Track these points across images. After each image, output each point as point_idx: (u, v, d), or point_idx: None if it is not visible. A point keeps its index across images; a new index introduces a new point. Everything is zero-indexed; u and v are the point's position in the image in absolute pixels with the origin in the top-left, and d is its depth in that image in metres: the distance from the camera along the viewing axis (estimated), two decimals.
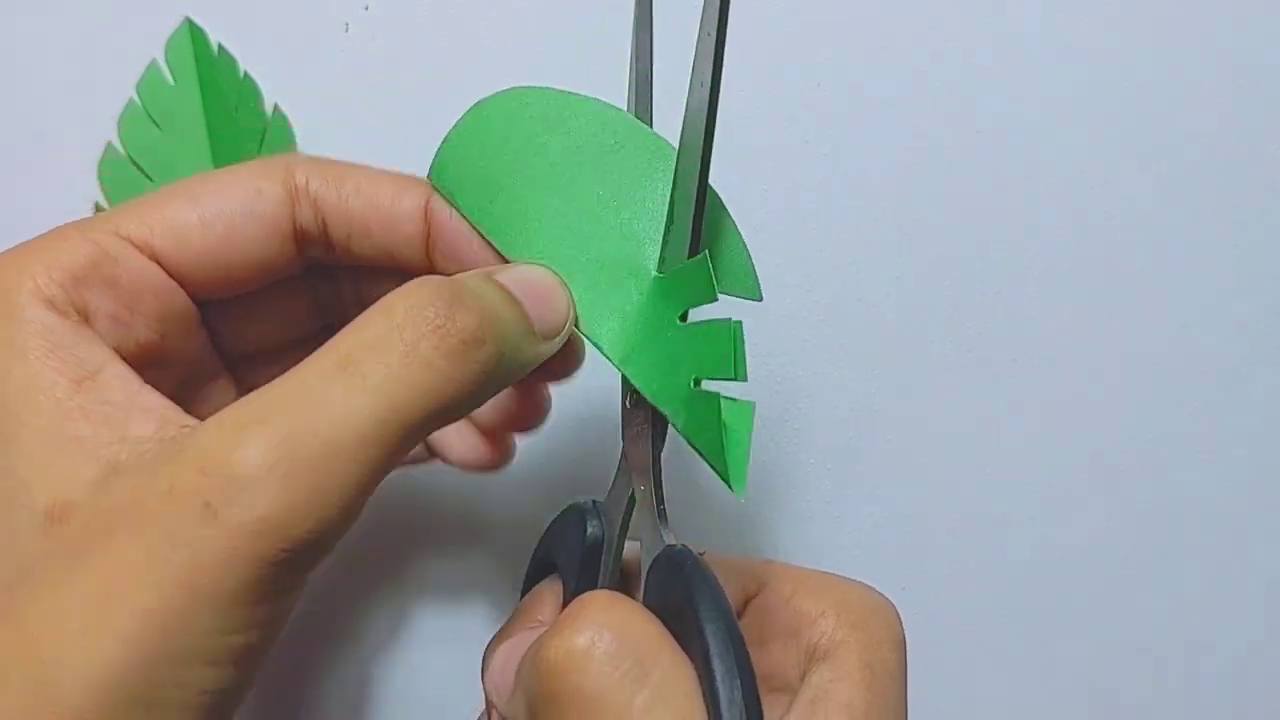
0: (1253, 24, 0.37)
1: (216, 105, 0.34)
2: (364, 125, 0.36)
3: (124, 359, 0.23)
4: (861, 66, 0.36)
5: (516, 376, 0.24)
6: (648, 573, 0.24)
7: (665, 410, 0.24)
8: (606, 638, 0.21)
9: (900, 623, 0.25)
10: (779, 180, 0.37)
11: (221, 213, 0.24)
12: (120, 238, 0.23)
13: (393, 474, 0.22)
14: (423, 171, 0.27)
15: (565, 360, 0.27)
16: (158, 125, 0.34)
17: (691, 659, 0.22)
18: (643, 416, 0.25)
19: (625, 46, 0.36)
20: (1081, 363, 0.37)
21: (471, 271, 0.24)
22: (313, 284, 0.28)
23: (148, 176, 0.34)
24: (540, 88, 0.27)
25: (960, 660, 0.38)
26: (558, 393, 0.30)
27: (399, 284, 0.26)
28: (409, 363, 0.20)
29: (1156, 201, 0.37)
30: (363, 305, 0.26)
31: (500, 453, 0.30)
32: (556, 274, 0.25)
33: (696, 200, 0.24)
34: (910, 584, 0.38)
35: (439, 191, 0.27)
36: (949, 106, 0.37)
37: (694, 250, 0.24)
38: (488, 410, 0.29)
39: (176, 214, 0.24)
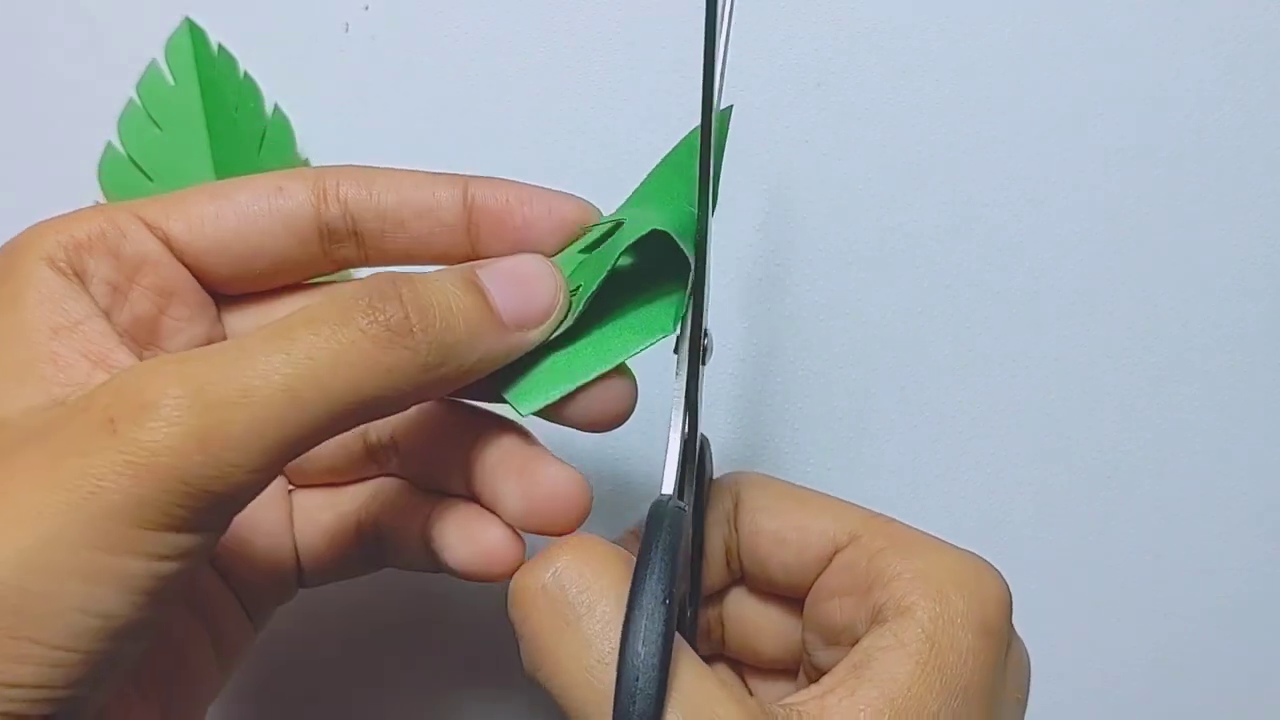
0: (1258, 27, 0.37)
1: (216, 105, 0.34)
2: (364, 125, 0.36)
3: (117, 325, 0.24)
4: (861, 67, 0.36)
5: (481, 370, 0.23)
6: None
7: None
8: (549, 579, 0.22)
9: (1001, 606, 0.23)
10: (778, 180, 0.37)
11: (239, 205, 0.25)
12: (134, 216, 0.25)
13: None
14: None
15: (605, 407, 0.26)
16: (158, 125, 0.34)
17: None
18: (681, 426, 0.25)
19: (625, 46, 0.36)
20: (1082, 361, 0.37)
21: (450, 269, 0.24)
22: None
23: (148, 176, 0.34)
24: None
25: None
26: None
27: None
28: (336, 341, 0.21)
29: (1158, 201, 0.37)
30: None
31: (517, 553, 0.26)
32: (549, 262, 0.25)
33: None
34: None
35: None
36: (949, 106, 0.37)
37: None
38: (513, 497, 0.26)
39: (195, 204, 0.25)
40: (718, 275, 0.36)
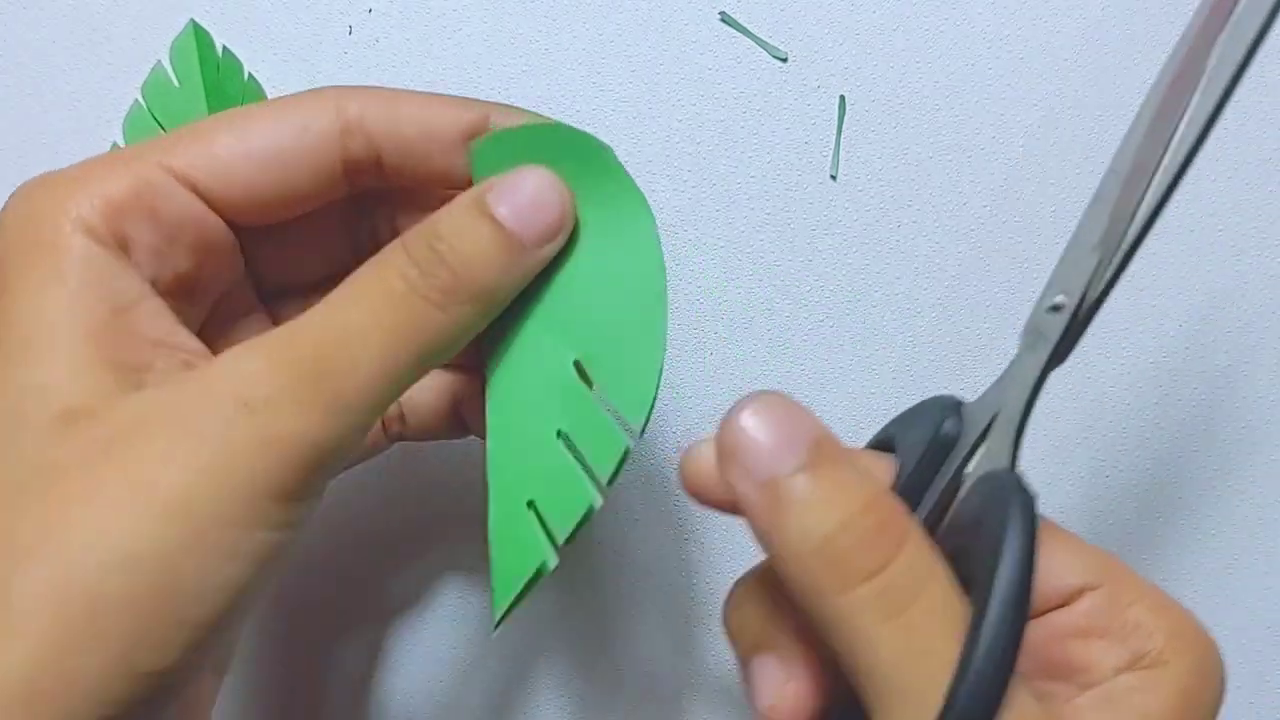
0: None
1: (221, 107, 0.34)
2: None
3: (160, 290, 0.24)
4: (859, 68, 0.37)
5: (521, 285, 0.25)
6: (973, 484, 0.23)
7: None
8: (894, 567, 0.21)
9: (1224, 684, 0.24)
10: (775, 182, 0.37)
11: (267, 148, 0.24)
12: (163, 169, 0.24)
13: None
14: None
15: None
16: (163, 127, 0.34)
17: (972, 576, 0.21)
18: (1054, 324, 0.22)
19: (630, 52, 0.37)
20: (1078, 364, 0.38)
21: (462, 199, 0.25)
22: (350, 219, 0.28)
23: None
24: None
25: None
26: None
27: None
28: (407, 308, 0.23)
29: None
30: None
31: None
32: (552, 175, 0.25)
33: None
34: None
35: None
36: (946, 109, 0.37)
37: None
38: None
39: (221, 148, 0.24)
40: None
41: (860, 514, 0.22)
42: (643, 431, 0.25)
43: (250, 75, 0.35)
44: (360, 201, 0.28)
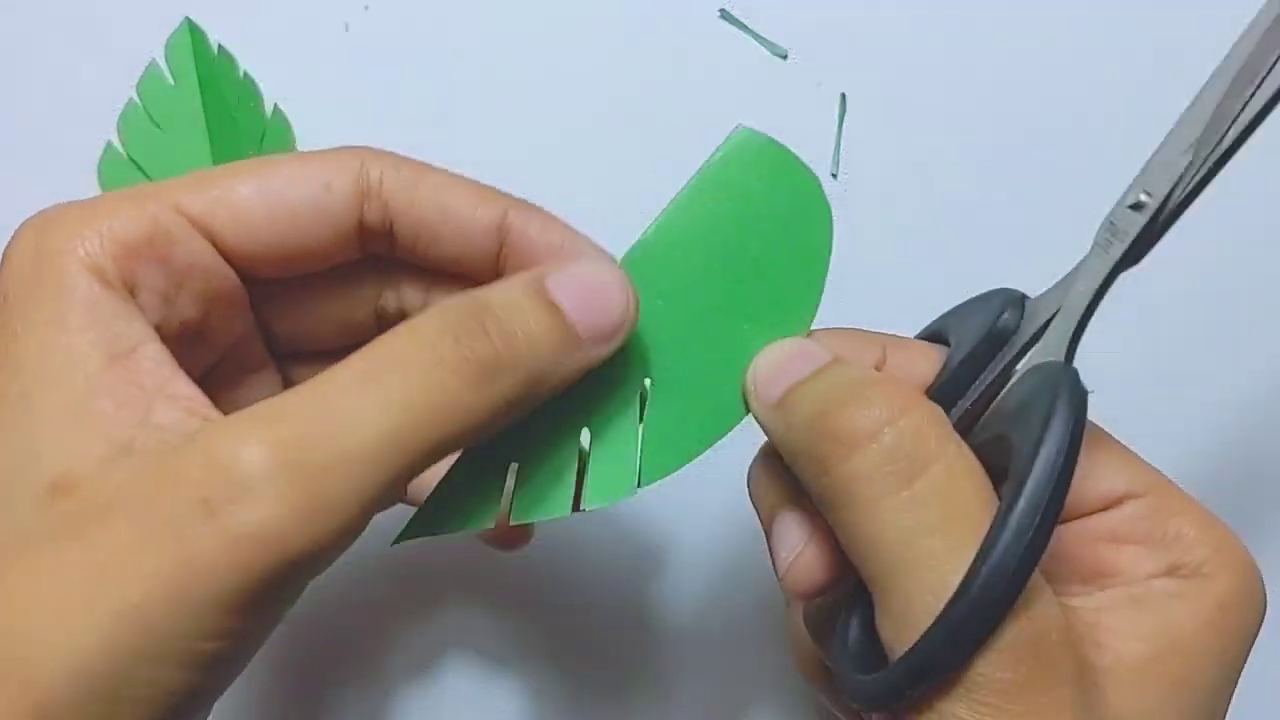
0: None
1: (216, 105, 0.34)
2: (363, 125, 0.36)
3: (164, 335, 0.22)
4: (859, 66, 0.37)
5: (560, 387, 0.23)
6: (1022, 374, 0.23)
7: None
8: (893, 430, 0.21)
9: (1264, 610, 0.23)
10: None
11: (286, 203, 0.23)
12: (179, 212, 0.23)
13: None
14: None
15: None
16: (158, 125, 0.34)
17: (1010, 465, 0.21)
18: (1133, 222, 0.22)
19: (627, 51, 0.36)
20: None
21: (518, 279, 0.23)
22: (372, 289, 0.27)
23: (147, 176, 0.34)
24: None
25: None
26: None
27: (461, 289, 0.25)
28: (426, 385, 0.20)
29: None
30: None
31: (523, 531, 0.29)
32: (618, 269, 0.23)
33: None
34: None
35: None
36: (946, 108, 0.37)
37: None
38: None
39: (240, 198, 0.23)
40: None
41: (860, 386, 0.22)
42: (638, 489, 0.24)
43: (245, 73, 0.35)
44: (384, 273, 0.26)
